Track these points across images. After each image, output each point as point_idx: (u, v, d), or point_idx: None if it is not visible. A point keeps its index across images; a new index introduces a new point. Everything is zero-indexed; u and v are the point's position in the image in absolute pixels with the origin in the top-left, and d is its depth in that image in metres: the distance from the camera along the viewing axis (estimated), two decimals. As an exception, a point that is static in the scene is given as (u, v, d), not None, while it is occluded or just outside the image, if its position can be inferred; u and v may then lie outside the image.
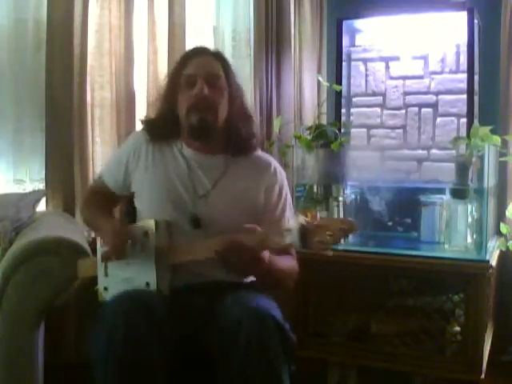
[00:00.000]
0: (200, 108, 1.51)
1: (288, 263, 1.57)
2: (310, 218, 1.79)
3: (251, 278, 1.62)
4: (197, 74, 1.53)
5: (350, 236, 2.12)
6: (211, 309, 1.39)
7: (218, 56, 1.60)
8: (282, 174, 1.67)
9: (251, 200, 1.58)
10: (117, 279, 1.49)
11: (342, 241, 1.38)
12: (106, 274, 1.51)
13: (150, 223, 1.47)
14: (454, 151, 2.15)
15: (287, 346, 1.31)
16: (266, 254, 1.42)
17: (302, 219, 1.35)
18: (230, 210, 1.54)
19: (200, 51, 1.61)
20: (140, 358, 1.25)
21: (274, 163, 1.67)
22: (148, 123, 1.65)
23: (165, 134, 1.61)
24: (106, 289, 1.51)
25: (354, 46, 2.72)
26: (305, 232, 1.33)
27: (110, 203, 1.73)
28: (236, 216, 1.52)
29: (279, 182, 1.64)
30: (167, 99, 1.59)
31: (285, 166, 2.30)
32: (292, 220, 1.65)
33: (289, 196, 1.68)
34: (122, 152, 1.68)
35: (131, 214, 1.67)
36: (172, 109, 1.57)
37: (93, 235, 1.85)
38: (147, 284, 1.44)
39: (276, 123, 2.47)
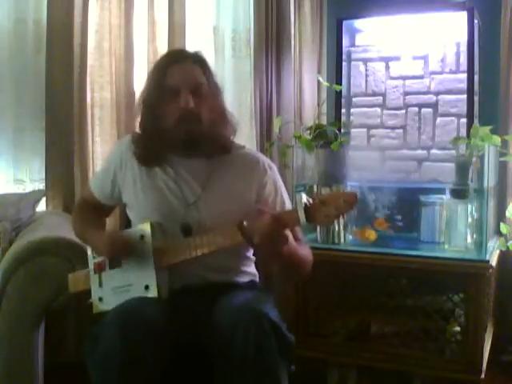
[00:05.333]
0: (186, 121, 1.49)
1: (305, 251, 1.56)
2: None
3: (250, 278, 1.63)
4: (179, 85, 1.49)
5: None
6: (208, 310, 1.39)
7: (197, 60, 1.56)
8: (272, 167, 1.65)
9: (242, 199, 1.56)
10: (112, 288, 1.48)
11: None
12: (101, 285, 1.50)
13: (146, 226, 1.47)
14: (453, 151, 2.14)
15: (284, 346, 1.31)
16: (290, 234, 1.41)
17: (305, 198, 1.35)
18: (221, 214, 1.51)
19: (179, 57, 1.56)
20: (138, 374, 1.25)
21: (263, 158, 1.65)
22: (137, 145, 1.59)
23: (154, 158, 1.57)
24: (100, 299, 1.50)
25: (354, 46, 2.72)
26: (309, 210, 1.33)
27: (100, 214, 1.72)
28: (227, 218, 1.47)
29: (271, 177, 1.62)
30: (150, 111, 1.55)
31: (285, 166, 2.30)
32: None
33: (283, 187, 1.66)
34: (109, 163, 1.65)
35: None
36: (156, 120, 1.54)
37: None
38: (146, 287, 1.43)
39: (276, 123, 2.46)
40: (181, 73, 1.52)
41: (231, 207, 1.53)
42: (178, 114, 1.50)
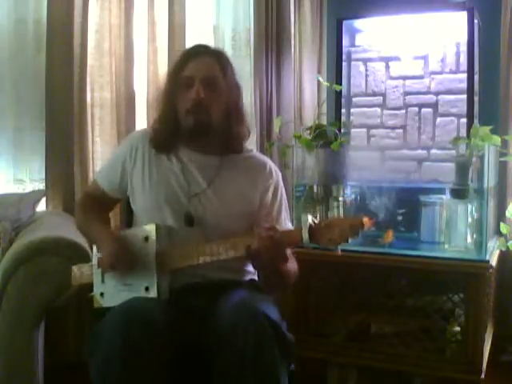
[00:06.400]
0: (196, 111, 1.52)
1: (292, 265, 1.56)
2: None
3: (250, 276, 1.63)
4: (194, 77, 1.52)
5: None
6: (208, 309, 1.39)
7: (217, 55, 1.59)
8: (277, 173, 1.67)
9: (246, 200, 1.58)
10: (114, 285, 1.48)
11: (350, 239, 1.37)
12: (103, 281, 1.50)
13: (151, 227, 1.47)
14: (453, 151, 2.14)
15: (284, 345, 1.31)
16: (289, 252, 1.44)
17: (310, 219, 1.35)
18: (224, 209, 1.54)
19: (199, 51, 1.60)
20: (139, 374, 1.25)
21: (270, 163, 1.67)
22: (154, 134, 1.62)
23: (168, 144, 1.60)
24: (102, 295, 1.50)
25: (354, 46, 2.72)
26: (314, 231, 1.34)
27: (105, 208, 1.72)
28: (229, 215, 1.53)
29: (274, 182, 1.64)
30: (167, 100, 1.59)
31: (285, 166, 2.30)
32: (288, 221, 1.67)
33: (284, 196, 1.68)
34: (119, 154, 1.67)
35: (131, 213, 1.67)
36: (172, 109, 1.57)
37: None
38: (146, 289, 1.43)
39: (276, 123, 2.46)
40: (197, 65, 1.55)
41: (235, 206, 1.55)
42: (189, 104, 1.52)
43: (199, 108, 1.51)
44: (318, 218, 1.39)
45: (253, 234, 1.40)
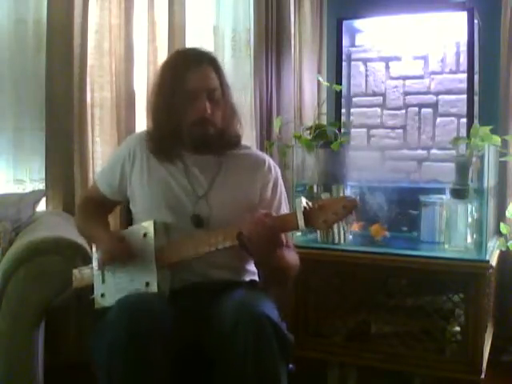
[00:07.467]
0: (202, 124, 1.54)
1: (292, 256, 1.57)
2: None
3: (251, 277, 1.63)
4: (198, 89, 1.53)
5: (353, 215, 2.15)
6: (209, 309, 1.39)
7: (211, 62, 1.59)
8: (276, 170, 1.68)
9: (247, 196, 1.59)
10: (115, 284, 1.48)
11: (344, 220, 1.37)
12: (104, 281, 1.51)
13: (149, 224, 1.48)
14: (454, 151, 2.14)
15: (284, 346, 1.32)
16: (285, 238, 1.43)
17: (304, 202, 1.35)
18: (230, 207, 1.55)
19: (196, 59, 1.58)
20: (143, 362, 1.25)
21: (269, 160, 1.68)
22: (154, 142, 1.61)
23: (169, 151, 1.60)
24: (103, 295, 1.50)
25: (354, 46, 2.72)
26: (308, 214, 1.34)
27: (104, 210, 1.72)
28: (235, 213, 1.52)
29: (273, 178, 1.65)
30: (169, 111, 1.58)
31: (285, 166, 2.30)
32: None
33: (284, 192, 1.69)
34: (117, 157, 1.67)
35: (131, 215, 1.67)
36: (172, 120, 1.57)
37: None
38: (147, 284, 1.44)
39: (276, 123, 2.46)
40: (199, 78, 1.55)
41: (239, 202, 1.56)
42: (195, 117, 1.53)
43: (206, 121, 1.53)
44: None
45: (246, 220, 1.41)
